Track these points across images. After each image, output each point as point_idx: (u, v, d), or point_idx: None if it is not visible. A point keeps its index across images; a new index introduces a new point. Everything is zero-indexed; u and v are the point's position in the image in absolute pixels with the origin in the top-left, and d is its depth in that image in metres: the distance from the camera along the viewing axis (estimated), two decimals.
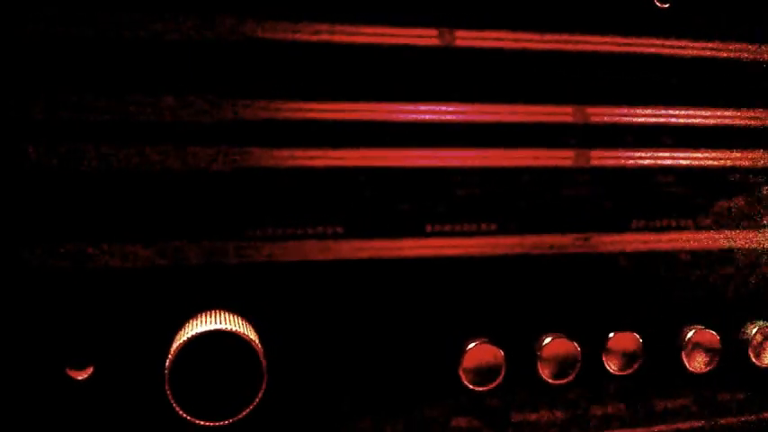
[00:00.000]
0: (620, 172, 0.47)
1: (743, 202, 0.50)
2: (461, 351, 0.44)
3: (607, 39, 0.46)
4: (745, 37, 0.49)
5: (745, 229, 0.50)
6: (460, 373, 0.44)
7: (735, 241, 0.50)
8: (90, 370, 0.38)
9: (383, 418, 0.44)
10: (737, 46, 0.49)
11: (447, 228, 0.44)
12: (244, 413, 0.38)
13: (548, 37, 0.45)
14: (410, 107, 0.43)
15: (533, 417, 0.47)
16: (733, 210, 0.50)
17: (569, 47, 0.46)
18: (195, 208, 0.40)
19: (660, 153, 0.48)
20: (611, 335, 0.47)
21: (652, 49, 0.47)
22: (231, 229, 0.41)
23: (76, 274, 0.39)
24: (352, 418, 0.43)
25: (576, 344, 0.45)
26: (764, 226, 0.50)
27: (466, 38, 0.44)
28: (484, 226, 0.45)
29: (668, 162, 0.48)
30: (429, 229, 0.44)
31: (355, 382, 0.43)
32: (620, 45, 0.46)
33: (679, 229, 0.48)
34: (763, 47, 0.49)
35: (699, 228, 0.49)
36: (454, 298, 0.45)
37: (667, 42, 0.47)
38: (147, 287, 0.40)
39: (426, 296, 0.44)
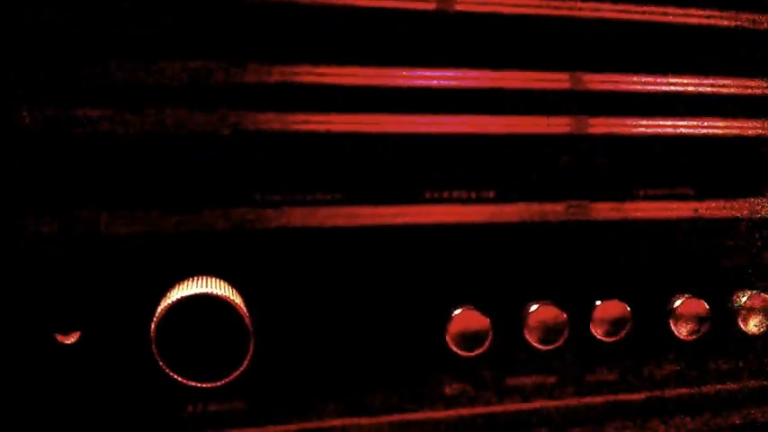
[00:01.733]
0: (617, 140, 0.47)
1: (739, 172, 0.49)
2: (448, 317, 0.44)
3: (606, 5, 0.45)
4: (747, 5, 0.48)
5: (738, 198, 0.50)
6: (447, 338, 0.44)
7: (728, 210, 0.49)
8: (77, 335, 0.39)
9: (374, 386, 0.45)
10: (739, 14, 0.48)
11: (445, 194, 0.44)
12: (231, 377, 0.38)
13: (546, 2, 0.44)
14: (407, 72, 0.42)
15: (526, 382, 0.47)
16: (729, 179, 0.49)
17: (567, 12, 0.45)
18: (184, 173, 0.40)
19: (658, 121, 0.47)
20: (599, 302, 0.47)
21: (652, 17, 0.46)
22: (221, 194, 0.40)
23: (64, 240, 0.39)
24: (341, 386, 0.44)
25: (562, 310, 0.45)
26: (759, 195, 0.50)
27: (464, 2, 0.43)
28: (482, 193, 0.45)
29: (666, 130, 0.47)
30: (428, 195, 0.44)
31: (345, 349, 0.44)
32: (620, 12, 0.46)
33: (673, 198, 0.48)
34: (764, 16, 0.48)
35: (693, 197, 0.49)
36: (450, 265, 0.45)
37: (668, 10, 0.46)
38: (136, 252, 0.40)
39: (423, 263, 0.44)
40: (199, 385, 0.38)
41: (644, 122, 0.47)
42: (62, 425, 0.40)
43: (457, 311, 0.44)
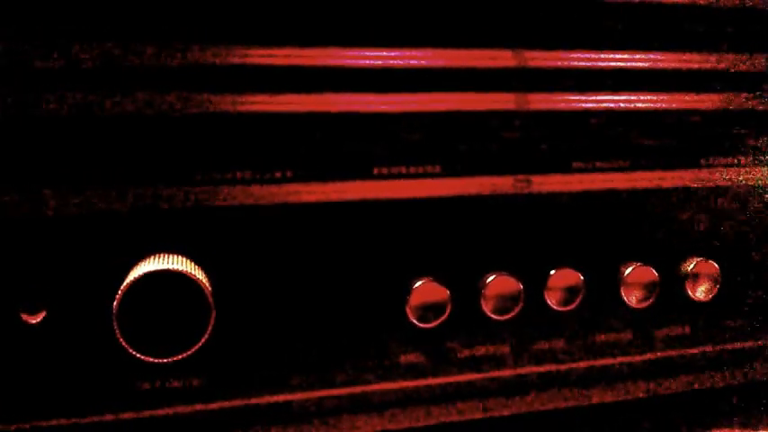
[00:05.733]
0: (558, 115, 0.48)
1: (678, 143, 0.51)
2: (408, 290, 0.45)
3: None
4: None
5: (680, 168, 0.51)
6: (407, 310, 0.45)
7: (671, 180, 0.51)
8: (43, 314, 0.39)
9: (333, 358, 0.45)
10: None
11: (394, 170, 0.45)
12: (191, 351, 0.39)
13: None
14: (355, 52, 0.44)
15: (479, 352, 0.48)
16: (669, 150, 0.51)
17: None
18: (145, 153, 0.40)
19: (597, 96, 0.49)
20: (553, 272, 0.48)
21: None
22: (181, 173, 0.41)
23: (28, 220, 0.39)
24: (301, 358, 0.45)
25: (518, 281, 0.47)
26: (699, 165, 0.52)
27: None
28: (429, 168, 0.46)
29: (605, 105, 0.49)
30: (376, 171, 0.45)
31: (304, 324, 0.45)
32: None
33: (617, 169, 0.50)
34: None
35: (636, 168, 0.50)
36: (401, 239, 0.46)
37: None
38: (99, 232, 0.40)
39: (374, 237, 0.45)
40: (159, 361, 0.38)
41: (586, 97, 0.48)
42: (24, 402, 0.40)
43: (417, 284, 0.45)
